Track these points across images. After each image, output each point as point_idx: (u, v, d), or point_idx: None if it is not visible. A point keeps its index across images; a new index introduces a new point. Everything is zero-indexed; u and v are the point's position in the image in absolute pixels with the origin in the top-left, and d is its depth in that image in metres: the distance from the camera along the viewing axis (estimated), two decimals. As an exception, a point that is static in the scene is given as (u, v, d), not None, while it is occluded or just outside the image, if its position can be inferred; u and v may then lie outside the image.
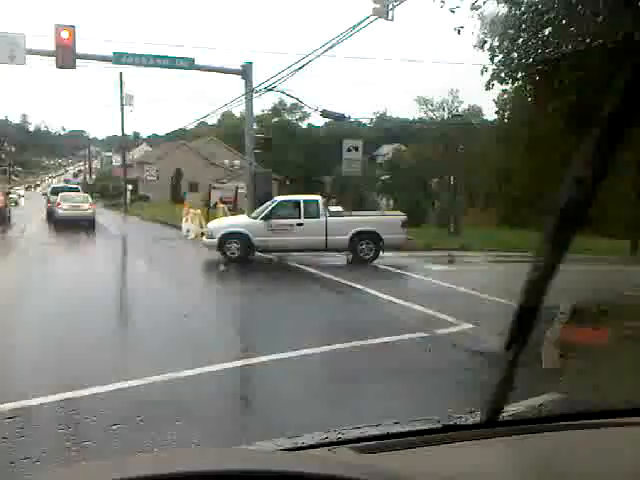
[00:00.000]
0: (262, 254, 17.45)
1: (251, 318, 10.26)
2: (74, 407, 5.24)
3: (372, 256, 16.78)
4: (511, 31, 9.14)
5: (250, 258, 16.91)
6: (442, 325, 8.92)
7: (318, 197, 18.48)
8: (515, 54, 9.35)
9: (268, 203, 17.86)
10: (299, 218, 16.97)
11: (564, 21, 8.03)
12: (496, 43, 9.69)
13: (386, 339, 8.03)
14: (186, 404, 5.45)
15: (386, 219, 18.49)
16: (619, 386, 5.75)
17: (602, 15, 7.21)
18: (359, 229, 16.77)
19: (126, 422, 4.67)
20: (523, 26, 8.80)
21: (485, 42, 9.87)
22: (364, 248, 16.75)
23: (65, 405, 5.24)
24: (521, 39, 9.03)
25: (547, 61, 8.85)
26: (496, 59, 10.32)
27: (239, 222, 18.07)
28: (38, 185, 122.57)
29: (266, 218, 16.95)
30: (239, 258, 16.50)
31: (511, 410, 2.24)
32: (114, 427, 4.52)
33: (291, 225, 16.85)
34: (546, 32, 8.48)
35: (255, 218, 17.40)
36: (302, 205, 17.29)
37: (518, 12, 8.93)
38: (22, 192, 70.16)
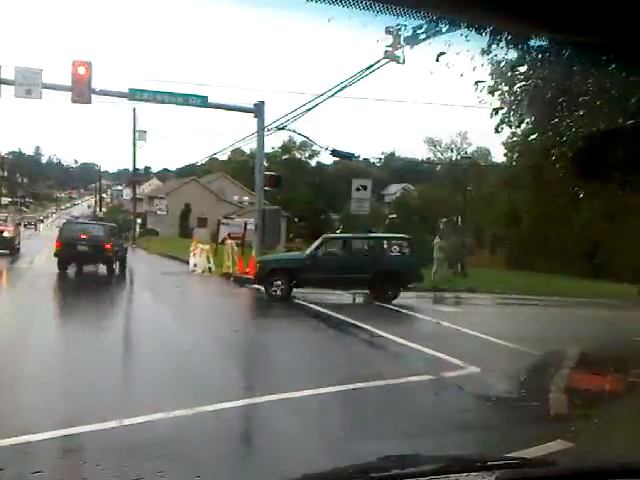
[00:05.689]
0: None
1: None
2: (79, 445, 5.22)
3: None
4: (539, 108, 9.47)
5: None
6: (450, 368, 8.85)
7: None
8: (550, 133, 9.66)
9: None
10: None
11: (598, 102, 8.21)
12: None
13: (392, 381, 7.97)
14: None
15: None
16: (627, 434, 5.68)
17: (635, 99, 7.40)
18: None
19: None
20: (558, 107, 9.08)
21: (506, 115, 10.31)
22: None
23: (68, 442, 5.22)
24: (555, 119, 9.30)
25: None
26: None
27: None
28: (41, 221, 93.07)
29: None
30: None
31: (518, 458, 2.22)
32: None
33: None
34: (580, 113, 8.68)
35: None
36: None
37: (554, 93, 9.18)
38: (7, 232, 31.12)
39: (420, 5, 1.02)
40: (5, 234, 30.33)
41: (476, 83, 10.28)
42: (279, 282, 16.60)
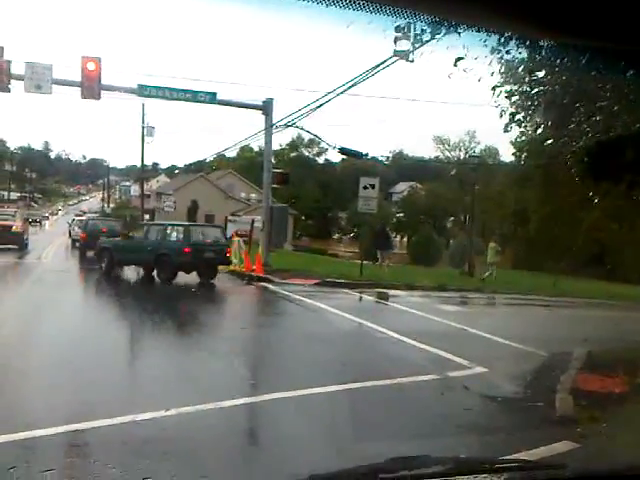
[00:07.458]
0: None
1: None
2: (83, 441, 5.25)
3: None
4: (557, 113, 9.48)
5: None
6: (455, 368, 8.84)
7: None
8: (566, 138, 9.67)
9: None
10: None
11: (615, 108, 8.19)
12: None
13: (398, 380, 7.97)
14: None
15: None
16: (634, 436, 5.67)
17: None
18: None
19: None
20: (575, 113, 9.08)
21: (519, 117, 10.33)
22: None
23: (72, 438, 5.25)
24: (572, 124, 9.30)
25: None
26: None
27: None
28: (46, 217, 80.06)
29: None
30: None
31: (526, 460, 2.22)
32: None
33: None
34: (597, 118, 8.67)
35: None
36: None
37: (571, 99, 9.18)
38: (16, 227, 30.84)
39: (436, 10, 1.03)
40: (14, 229, 30.56)
41: (493, 88, 10.27)
42: (105, 259, 20.68)
